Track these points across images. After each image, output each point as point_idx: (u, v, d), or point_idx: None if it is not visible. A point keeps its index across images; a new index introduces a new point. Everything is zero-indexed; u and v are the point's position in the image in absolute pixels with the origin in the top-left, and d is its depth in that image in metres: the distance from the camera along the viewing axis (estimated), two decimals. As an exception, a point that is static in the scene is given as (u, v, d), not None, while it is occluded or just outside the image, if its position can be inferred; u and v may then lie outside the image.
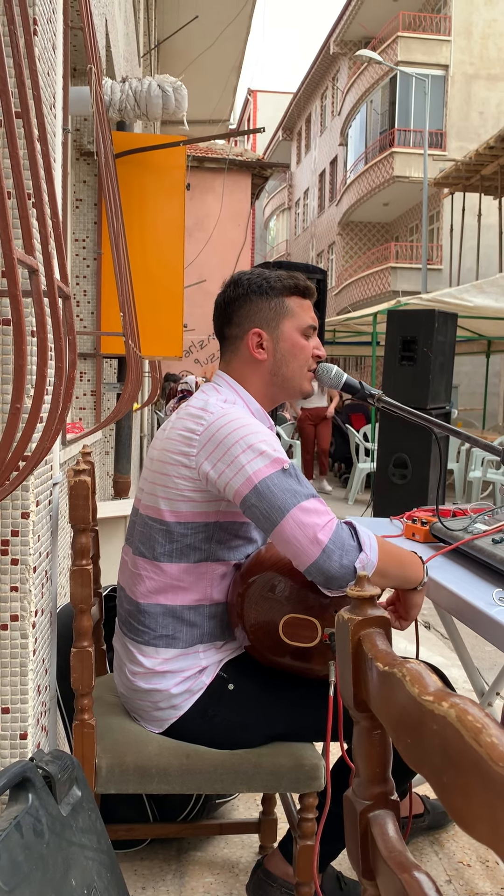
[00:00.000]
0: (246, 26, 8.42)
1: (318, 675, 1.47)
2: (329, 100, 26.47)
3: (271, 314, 1.56)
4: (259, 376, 1.57)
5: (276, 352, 1.56)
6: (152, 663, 1.49)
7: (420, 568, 1.47)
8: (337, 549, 1.31)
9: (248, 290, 1.56)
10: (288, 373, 1.58)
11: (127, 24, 4.88)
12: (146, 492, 1.52)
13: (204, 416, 1.44)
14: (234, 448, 1.38)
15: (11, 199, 1.21)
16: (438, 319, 4.68)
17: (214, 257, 12.18)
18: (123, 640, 1.56)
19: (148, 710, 1.52)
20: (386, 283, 19.54)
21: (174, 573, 1.48)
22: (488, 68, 19.48)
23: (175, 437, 1.46)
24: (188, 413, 1.48)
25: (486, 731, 0.52)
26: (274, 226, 35.92)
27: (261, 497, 1.35)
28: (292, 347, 1.57)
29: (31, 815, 1.14)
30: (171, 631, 1.49)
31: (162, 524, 1.47)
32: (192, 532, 1.46)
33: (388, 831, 0.72)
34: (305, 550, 1.32)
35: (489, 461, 8.03)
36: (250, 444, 1.38)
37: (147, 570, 1.50)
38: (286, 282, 1.58)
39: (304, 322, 1.59)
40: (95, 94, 2.31)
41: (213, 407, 1.45)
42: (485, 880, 1.85)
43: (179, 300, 3.71)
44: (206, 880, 1.80)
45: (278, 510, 1.34)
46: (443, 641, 3.62)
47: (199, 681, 1.49)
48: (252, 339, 1.55)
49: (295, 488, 1.36)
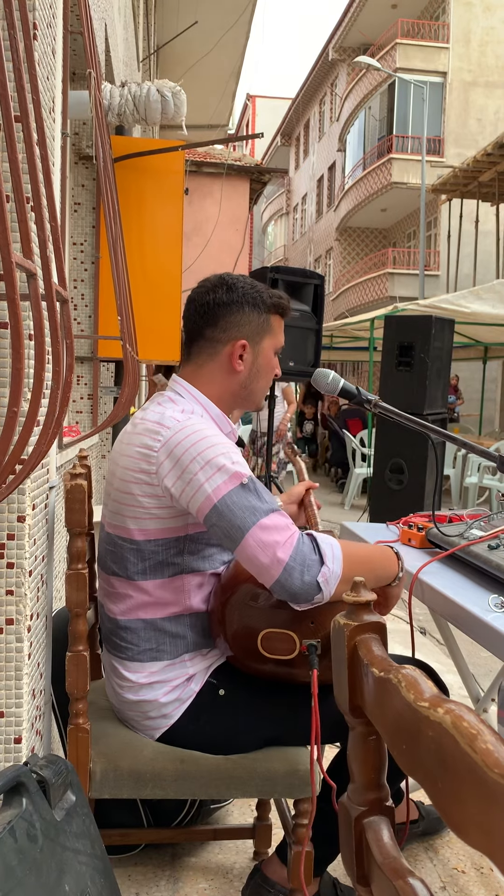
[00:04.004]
0: (245, 32, 8.46)
1: (302, 680, 1.46)
2: (327, 106, 26.56)
3: (258, 328, 1.56)
4: (227, 386, 1.55)
5: (252, 366, 1.56)
6: (138, 677, 1.48)
7: (393, 562, 1.47)
8: (298, 566, 1.30)
9: (242, 299, 1.54)
10: (256, 388, 1.58)
11: (126, 28, 4.90)
12: (111, 510, 1.49)
13: (161, 431, 1.41)
14: (193, 465, 1.36)
15: (10, 203, 1.21)
16: (435, 325, 4.68)
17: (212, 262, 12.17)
18: (108, 657, 1.55)
19: (139, 720, 1.51)
20: (383, 289, 19.58)
21: (150, 589, 1.46)
22: (486, 75, 19.56)
23: (133, 454, 1.43)
24: (145, 428, 1.44)
25: (481, 737, 0.52)
26: (272, 231, 35.98)
27: (221, 516, 1.34)
28: (266, 365, 1.58)
29: (24, 819, 1.14)
30: (155, 644, 1.47)
31: (132, 543, 1.45)
32: (162, 548, 1.45)
33: (382, 837, 0.72)
34: (267, 569, 1.31)
35: (485, 467, 8.04)
36: (208, 459, 1.36)
37: (124, 588, 1.48)
38: (274, 299, 1.58)
39: (280, 342, 1.61)
40: (94, 98, 2.31)
41: (169, 421, 1.42)
42: (479, 887, 1.85)
43: (177, 304, 3.71)
44: (201, 886, 1.79)
45: (238, 529, 1.33)
46: (438, 647, 3.62)
47: (188, 689, 1.48)
48: (236, 349, 1.53)
49: (254, 505, 1.34)
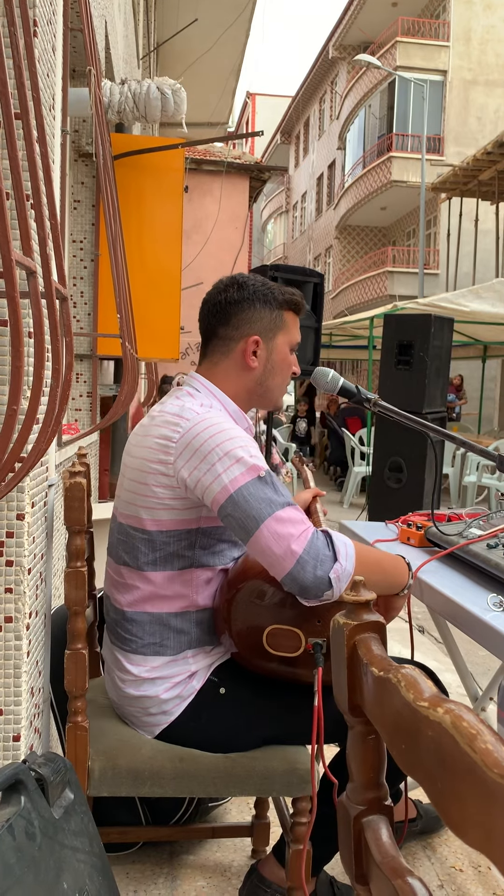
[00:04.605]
0: (245, 29, 8.44)
1: (305, 680, 1.46)
2: (327, 104, 26.53)
3: (271, 325, 1.56)
4: (243, 383, 1.56)
5: (267, 363, 1.57)
6: (140, 671, 1.48)
7: (404, 572, 1.47)
8: (311, 560, 1.30)
9: (253, 296, 1.55)
10: (271, 384, 1.59)
11: (126, 26, 4.89)
12: (125, 500, 1.50)
13: (180, 423, 1.42)
14: (211, 455, 1.37)
15: (10, 201, 1.21)
16: (435, 324, 4.68)
17: (212, 260, 12.17)
18: (111, 649, 1.55)
19: (139, 715, 1.51)
20: (383, 288, 19.58)
21: (159, 581, 1.47)
22: (486, 74, 19.55)
23: (151, 445, 1.44)
24: (164, 420, 1.45)
25: (480, 737, 0.52)
26: (271, 229, 35.96)
27: (236, 506, 1.34)
28: (282, 362, 1.59)
29: (23, 817, 1.14)
30: (159, 639, 1.48)
31: (144, 533, 1.46)
32: (174, 540, 1.45)
33: (381, 836, 0.72)
34: (280, 561, 1.31)
35: (484, 466, 8.05)
36: (227, 450, 1.37)
37: (132, 579, 1.48)
38: (286, 295, 1.59)
39: (295, 338, 1.61)
40: (94, 95, 2.31)
41: (189, 413, 1.44)
42: (477, 885, 1.85)
43: (176, 302, 3.71)
44: (199, 884, 1.79)
45: (253, 520, 1.33)
46: (436, 646, 3.62)
47: (190, 686, 1.48)
48: (249, 345, 1.54)
49: (270, 497, 1.35)
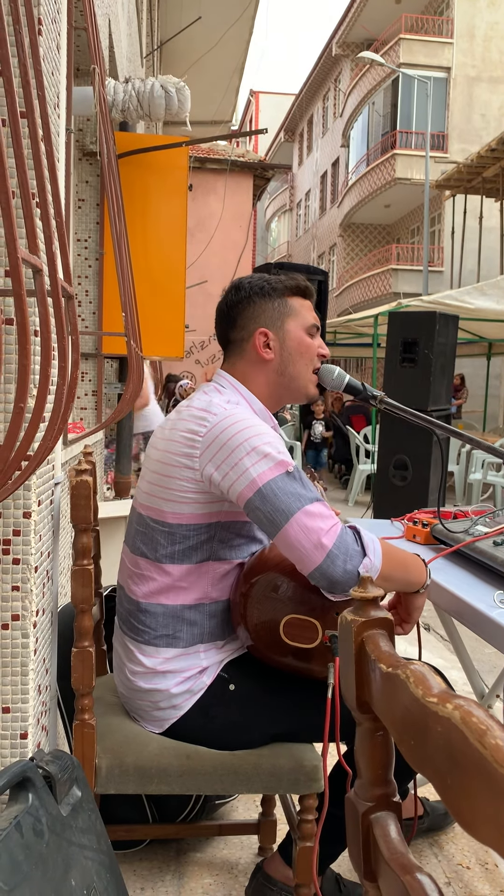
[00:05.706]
0: (248, 27, 8.44)
1: (318, 675, 1.46)
2: (331, 101, 26.48)
3: (275, 314, 1.56)
4: (265, 377, 1.56)
5: (282, 350, 1.55)
6: (153, 663, 1.48)
7: (423, 571, 1.47)
8: (341, 554, 1.30)
9: (250, 293, 1.56)
10: (294, 371, 1.57)
11: (130, 24, 4.89)
12: (146, 492, 1.51)
13: (207, 418, 1.42)
14: (238, 450, 1.37)
15: (16, 199, 1.21)
16: (439, 321, 4.67)
17: (216, 258, 12.18)
18: (123, 640, 1.55)
19: (148, 709, 1.51)
20: (387, 285, 19.54)
21: (176, 574, 1.47)
22: (490, 71, 19.49)
23: (177, 439, 1.45)
24: (190, 414, 1.46)
25: (490, 732, 0.52)
26: (275, 227, 35.92)
27: (265, 500, 1.34)
28: (298, 346, 1.56)
29: (31, 814, 1.14)
30: (172, 630, 1.48)
31: (164, 525, 1.46)
32: (194, 533, 1.46)
33: (390, 833, 0.72)
34: (309, 555, 1.31)
35: (490, 463, 8.03)
36: (254, 446, 1.37)
37: (149, 570, 1.49)
38: (287, 282, 1.58)
39: (308, 321, 1.59)
40: (99, 94, 2.31)
41: (217, 408, 1.44)
42: (484, 882, 1.85)
43: (181, 301, 3.71)
44: (206, 881, 1.80)
45: (282, 514, 1.33)
46: (443, 643, 3.62)
47: (200, 681, 1.49)
48: (258, 339, 1.54)
49: (299, 492, 1.35)
